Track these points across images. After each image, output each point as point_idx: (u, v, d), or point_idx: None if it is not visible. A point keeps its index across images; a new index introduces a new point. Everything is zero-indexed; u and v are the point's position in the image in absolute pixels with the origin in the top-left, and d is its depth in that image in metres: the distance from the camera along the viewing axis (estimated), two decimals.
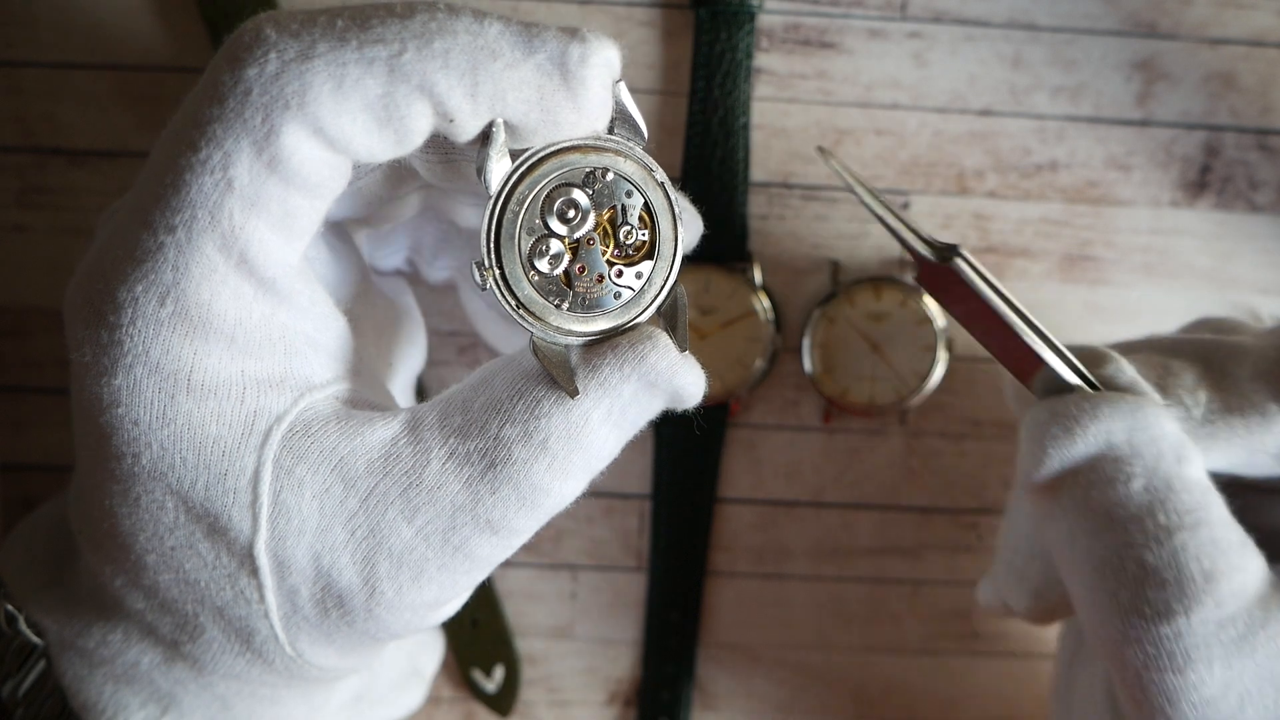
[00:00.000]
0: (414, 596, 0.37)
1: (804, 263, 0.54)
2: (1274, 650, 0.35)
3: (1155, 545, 0.35)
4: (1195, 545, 0.35)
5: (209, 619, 0.37)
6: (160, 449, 0.35)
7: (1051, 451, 0.37)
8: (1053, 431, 0.37)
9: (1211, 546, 0.35)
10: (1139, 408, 0.37)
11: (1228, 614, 0.35)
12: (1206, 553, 0.35)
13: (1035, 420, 0.38)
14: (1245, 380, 0.38)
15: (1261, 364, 0.38)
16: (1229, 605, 0.35)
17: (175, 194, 0.33)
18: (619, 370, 0.35)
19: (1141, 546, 0.36)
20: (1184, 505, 0.36)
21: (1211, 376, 0.38)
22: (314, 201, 0.35)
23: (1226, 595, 0.35)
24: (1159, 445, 0.37)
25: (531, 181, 0.35)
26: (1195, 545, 0.35)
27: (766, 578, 0.55)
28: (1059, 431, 0.37)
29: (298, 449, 0.36)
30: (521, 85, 0.34)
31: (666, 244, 0.36)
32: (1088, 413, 0.37)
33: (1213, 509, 0.36)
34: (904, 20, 0.53)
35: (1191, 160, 0.54)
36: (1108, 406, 0.37)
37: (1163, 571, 0.35)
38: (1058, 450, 0.37)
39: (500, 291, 0.35)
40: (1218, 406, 0.38)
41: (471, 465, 0.36)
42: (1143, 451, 0.36)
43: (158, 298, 0.33)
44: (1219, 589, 0.35)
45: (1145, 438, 0.36)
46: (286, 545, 0.36)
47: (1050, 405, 0.37)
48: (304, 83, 0.32)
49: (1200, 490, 0.36)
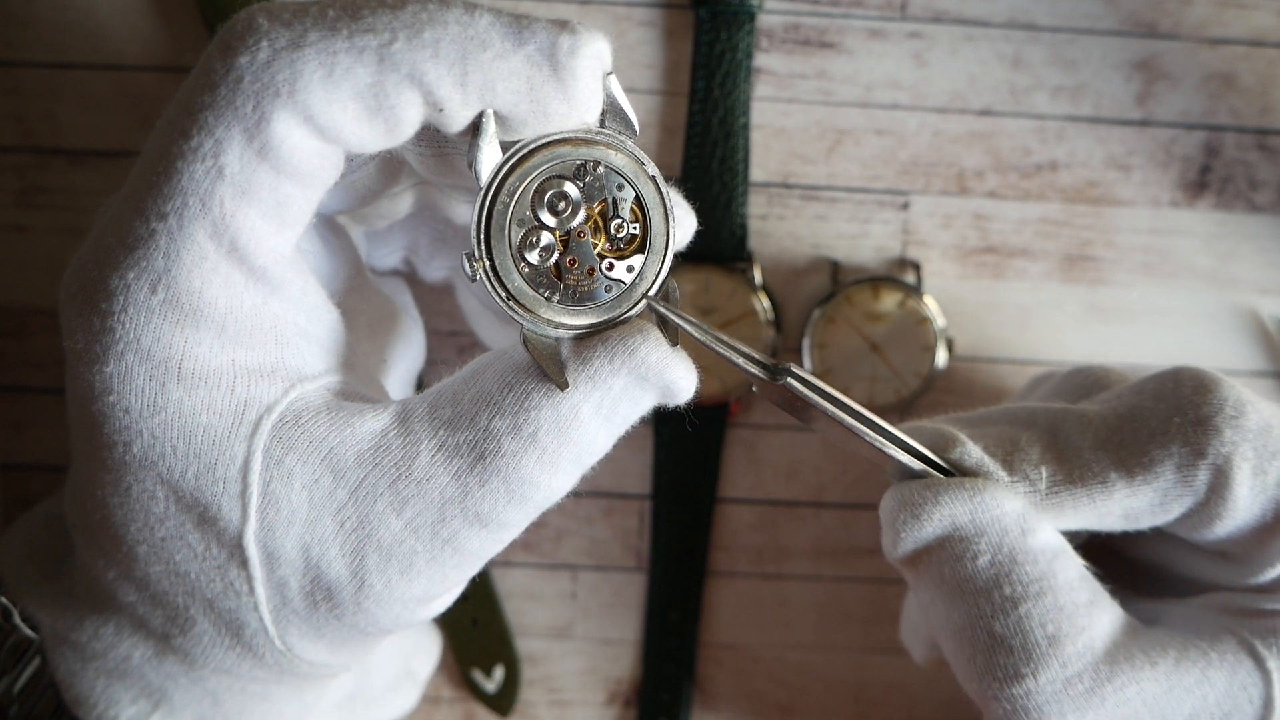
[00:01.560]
0: (403, 590, 0.37)
1: (804, 263, 0.54)
2: (1121, 699, 0.39)
3: (1002, 615, 0.39)
4: (1039, 613, 0.39)
5: (199, 611, 0.37)
6: (151, 437, 0.35)
7: (902, 535, 0.40)
8: (901, 518, 0.40)
9: (1056, 612, 0.39)
10: (979, 490, 0.39)
11: (1074, 672, 0.38)
12: (1051, 619, 0.39)
13: (886, 506, 0.41)
14: (1087, 450, 0.40)
15: (1102, 432, 0.41)
16: (1075, 664, 0.38)
17: (167, 181, 0.33)
18: (609, 364, 0.35)
19: (990, 617, 0.39)
20: (1028, 576, 0.39)
21: (1055, 449, 0.41)
22: (305, 191, 0.35)
23: (1072, 656, 0.38)
24: (1002, 523, 0.39)
25: (522, 173, 0.35)
26: (1039, 613, 0.39)
27: (766, 578, 0.55)
28: (906, 518, 0.40)
29: (288, 439, 0.36)
30: (511, 76, 0.34)
31: (658, 238, 0.36)
32: (930, 500, 0.39)
33: (1059, 575, 0.39)
34: (904, 20, 0.53)
35: (1191, 160, 0.53)
36: (949, 493, 0.39)
37: (1009, 639, 0.39)
38: (908, 534, 0.40)
39: (490, 283, 0.35)
40: (1061, 478, 0.40)
41: (461, 457, 0.36)
42: (986, 529, 0.39)
43: (149, 285, 0.34)
44: (1063, 651, 0.38)
45: (988, 517, 0.39)
46: (275, 536, 0.36)
47: (899, 492, 0.40)
48: (295, 71, 0.33)
49: (1046, 558, 0.39)
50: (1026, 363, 0.54)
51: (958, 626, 0.40)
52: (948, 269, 0.54)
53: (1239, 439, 0.39)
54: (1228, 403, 0.40)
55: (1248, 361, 0.54)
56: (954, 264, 0.54)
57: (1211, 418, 0.40)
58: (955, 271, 0.54)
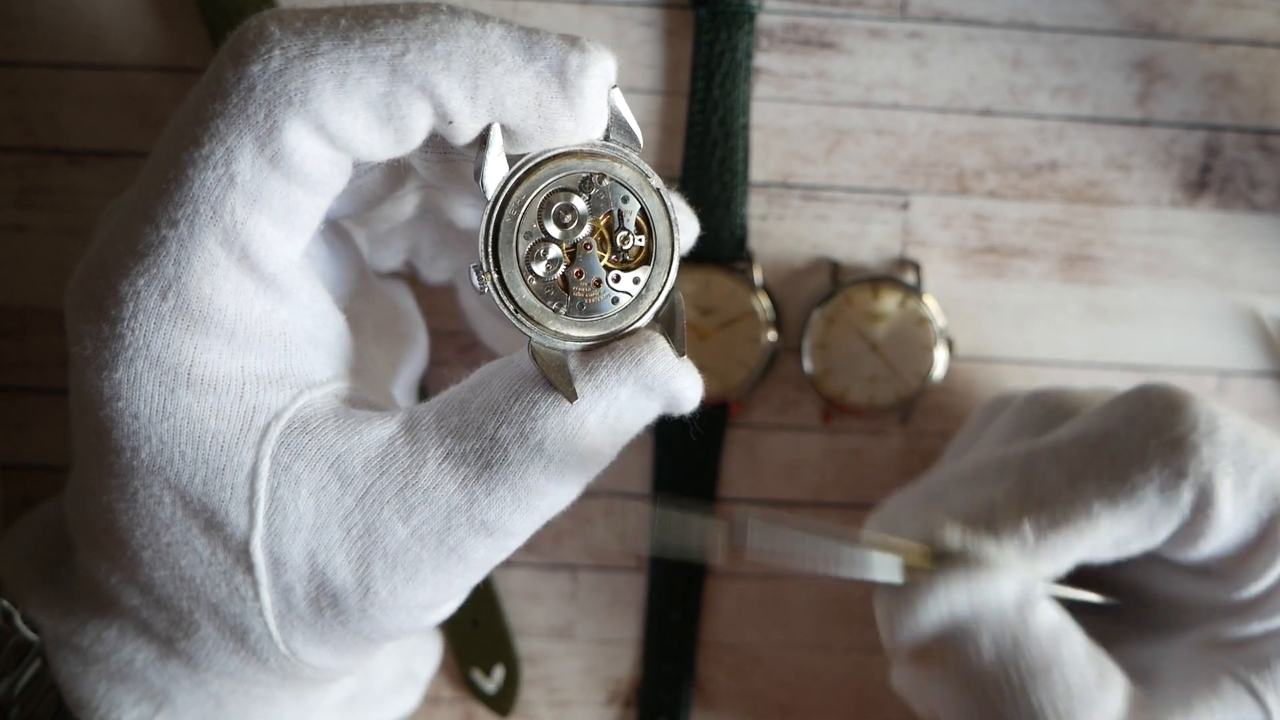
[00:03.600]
0: (408, 597, 0.37)
1: (804, 263, 0.54)
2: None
3: (1012, 702, 0.39)
4: (1049, 696, 0.39)
5: (204, 616, 0.37)
6: (159, 443, 0.35)
7: (900, 635, 0.40)
8: (898, 619, 0.40)
9: (1065, 693, 0.39)
10: (971, 579, 0.39)
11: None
12: (1061, 699, 0.39)
13: (881, 608, 0.41)
14: (1066, 487, 0.40)
15: (1078, 464, 0.41)
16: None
17: (178, 189, 0.33)
18: (616, 374, 0.35)
19: (1000, 703, 0.39)
20: (1033, 661, 0.39)
21: (1034, 495, 0.41)
22: (315, 198, 0.35)
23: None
24: (1000, 605, 0.39)
25: (529, 186, 0.35)
26: (1049, 696, 0.39)
27: (766, 578, 0.55)
28: (901, 621, 0.40)
29: (295, 446, 0.36)
30: (520, 91, 0.34)
31: (663, 249, 0.36)
32: (923, 600, 0.40)
33: (1064, 655, 0.39)
34: (904, 20, 0.53)
35: (1191, 160, 0.54)
36: (941, 589, 0.39)
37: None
38: (905, 632, 0.40)
39: (498, 295, 0.35)
40: (1046, 524, 0.40)
41: (467, 466, 0.36)
42: (985, 617, 0.39)
43: (159, 291, 0.34)
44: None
45: (984, 603, 0.39)
46: (282, 542, 0.36)
47: (891, 597, 0.40)
48: (307, 80, 0.33)
49: (1050, 639, 0.40)
50: (1026, 363, 0.54)
51: (969, 714, 0.40)
52: (948, 269, 0.54)
53: (1217, 455, 0.39)
54: (1201, 419, 0.40)
55: (1248, 361, 0.54)
56: (954, 264, 0.54)
57: (1187, 436, 0.39)
58: (955, 271, 0.54)
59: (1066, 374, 0.54)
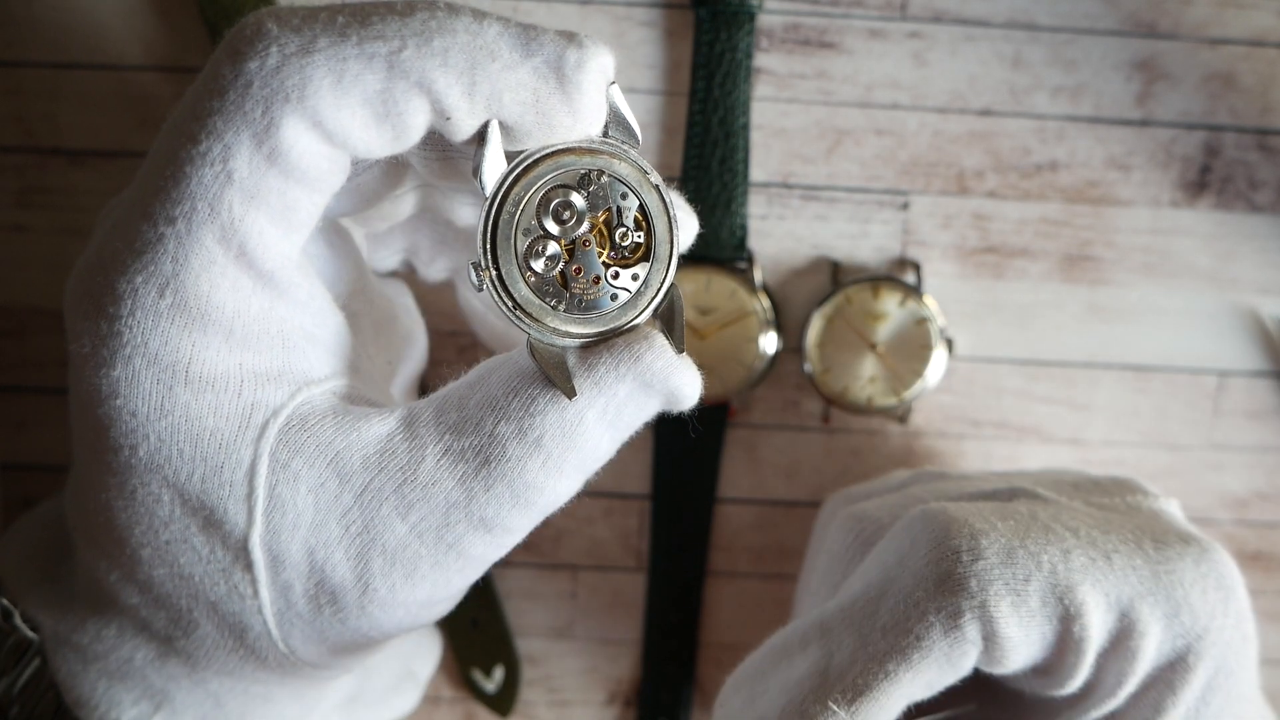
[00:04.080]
0: (407, 594, 0.37)
1: (804, 263, 0.54)
2: None
3: None
4: None
5: (203, 614, 0.37)
6: (157, 441, 0.35)
7: None
8: None
9: None
10: None
11: None
12: None
13: None
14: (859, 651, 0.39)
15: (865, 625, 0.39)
16: None
17: (175, 186, 0.33)
18: (614, 370, 0.35)
19: None
20: None
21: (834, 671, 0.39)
22: (313, 195, 0.35)
23: None
24: None
25: (527, 183, 0.35)
26: None
27: (766, 578, 0.55)
28: None
29: (294, 443, 0.36)
30: (518, 87, 0.34)
31: (662, 246, 0.36)
32: None
33: None
34: (904, 20, 0.53)
35: (1191, 160, 0.54)
36: None
37: None
38: None
39: (497, 292, 0.35)
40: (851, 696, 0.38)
41: (466, 462, 0.36)
42: None
43: (157, 289, 0.34)
44: None
45: None
46: (281, 540, 0.36)
47: None
48: (304, 76, 0.33)
49: None
50: (1026, 363, 0.54)
51: None
52: (948, 269, 0.54)
53: (986, 580, 0.38)
54: (961, 550, 0.38)
55: (1248, 361, 0.54)
56: (954, 264, 0.54)
57: (950, 573, 0.38)
58: (955, 271, 0.54)
59: (1066, 374, 0.54)
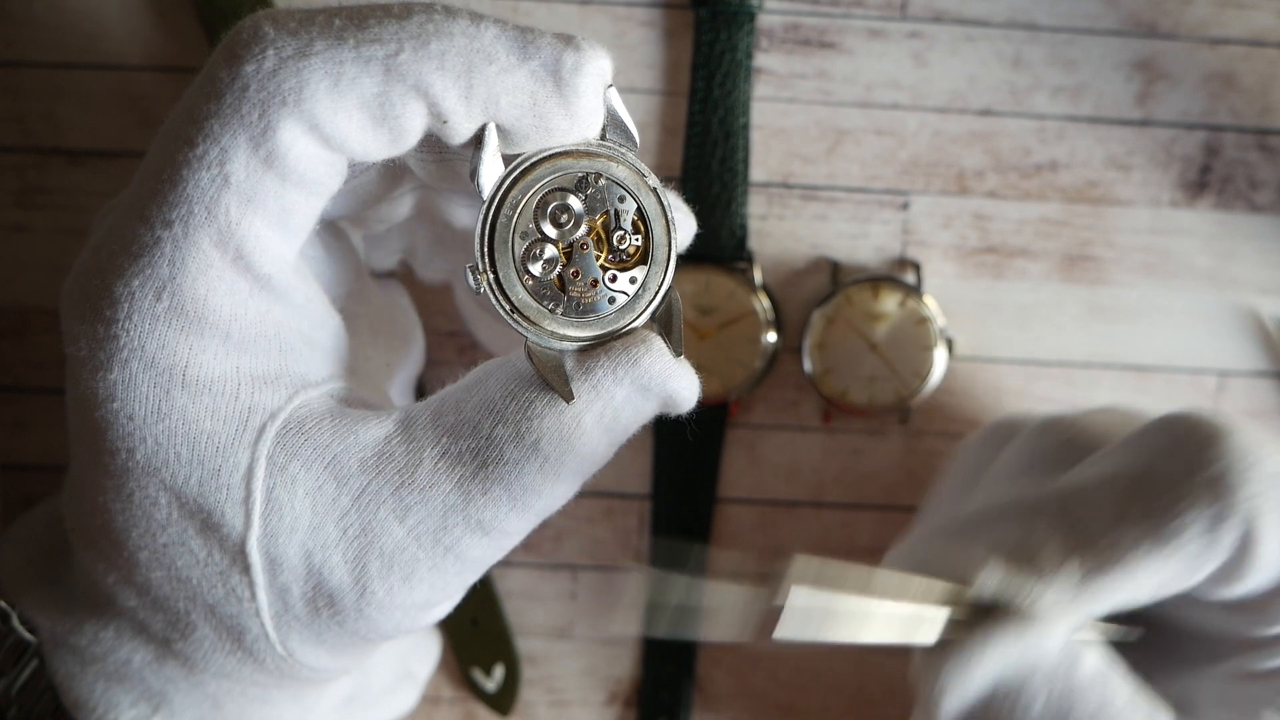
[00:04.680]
0: (404, 597, 0.37)
1: (804, 263, 0.54)
2: None
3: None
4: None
5: (200, 617, 0.37)
6: (155, 444, 0.35)
7: (945, 707, 0.38)
8: (940, 690, 0.38)
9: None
10: (1017, 636, 0.38)
11: None
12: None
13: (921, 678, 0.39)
14: (1110, 529, 0.38)
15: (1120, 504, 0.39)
16: None
17: (172, 189, 0.33)
18: (612, 374, 0.35)
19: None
20: (1085, 713, 0.38)
21: (1076, 536, 0.39)
22: (310, 198, 0.35)
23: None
24: (1049, 663, 0.38)
25: (524, 186, 0.35)
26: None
27: (766, 578, 0.55)
28: (945, 688, 0.38)
29: (291, 446, 0.36)
30: (515, 90, 0.34)
31: (660, 249, 0.36)
32: (966, 664, 0.38)
33: (1114, 702, 0.38)
34: (904, 20, 0.53)
35: (1191, 160, 0.53)
36: (984, 650, 0.38)
37: None
38: (951, 703, 0.38)
39: (494, 295, 0.35)
40: (1092, 565, 0.38)
41: (463, 465, 0.36)
42: (1034, 675, 0.38)
43: (154, 292, 0.34)
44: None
45: (1032, 663, 0.38)
46: (278, 542, 0.36)
47: (931, 661, 0.39)
48: (301, 80, 0.33)
49: (1099, 688, 0.38)
50: (1026, 363, 0.54)
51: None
52: (948, 269, 0.54)
53: (1259, 490, 0.37)
54: (1241, 453, 0.38)
55: (1248, 361, 0.54)
56: (954, 264, 0.54)
57: (1227, 473, 0.37)
58: (955, 271, 0.54)
59: (1066, 374, 0.54)
